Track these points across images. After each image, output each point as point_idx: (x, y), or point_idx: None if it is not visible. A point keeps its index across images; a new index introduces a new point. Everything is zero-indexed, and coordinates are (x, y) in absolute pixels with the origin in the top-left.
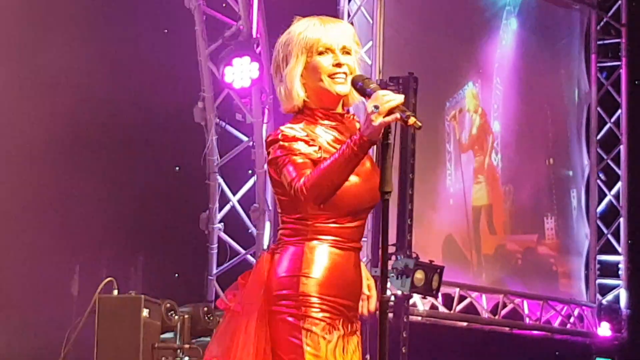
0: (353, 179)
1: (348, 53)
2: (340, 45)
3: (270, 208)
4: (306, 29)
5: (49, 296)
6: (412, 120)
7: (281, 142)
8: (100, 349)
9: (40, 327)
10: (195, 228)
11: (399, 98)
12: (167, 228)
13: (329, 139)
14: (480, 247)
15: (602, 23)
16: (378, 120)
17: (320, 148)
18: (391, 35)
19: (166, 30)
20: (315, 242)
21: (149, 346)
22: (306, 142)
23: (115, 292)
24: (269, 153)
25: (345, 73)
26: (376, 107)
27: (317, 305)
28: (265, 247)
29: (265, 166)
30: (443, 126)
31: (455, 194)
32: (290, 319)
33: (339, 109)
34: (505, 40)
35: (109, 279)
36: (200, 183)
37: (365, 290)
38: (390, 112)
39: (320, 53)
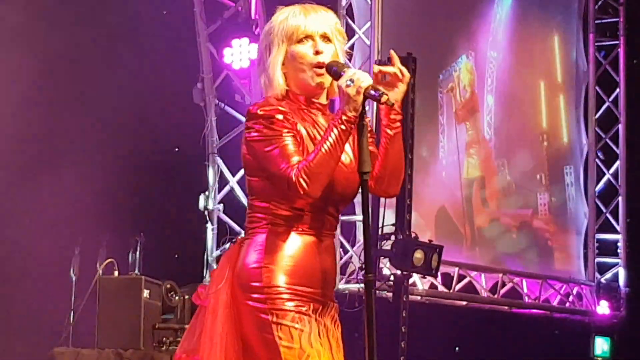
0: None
1: (329, 40)
2: (320, 32)
3: None
4: (287, 17)
5: (49, 278)
6: (384, 97)
7: (262, 120)
8: (101, 330)
9: (41, 308)
10: (195, 209)
11: (369, 78)
12: (166, 209)
13: (308, 124)
14: (473, 220)
15: (600, 2)
16: (354, 91)
17: (295, 127)
18: (388, 13)
19: (165, 12)
20: (277, 230)
21: (150, 327)
22: (285, 115)
23: (116, 273)
24: (248, 129)
25: (324, 62)
26: (351, 80)
27: (283, 296)
28: None
29: (242, 145)
30: (436, 98)
31: (448, 167)
32: (259, 313)
33: (323, 99)
34: (500, 15)
35: (109, 260)
36: (200, 164)
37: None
38: (364, 89)
39: (300, 41)
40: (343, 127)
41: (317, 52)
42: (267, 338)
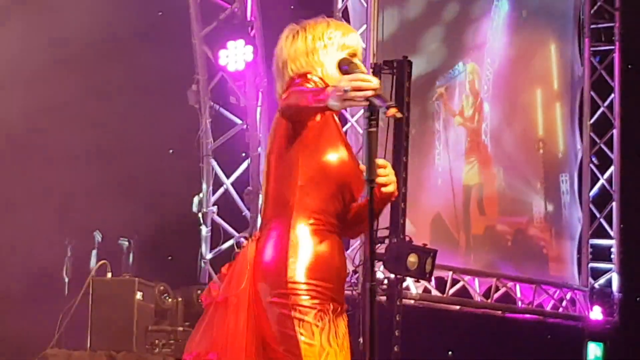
0: (340, 155)
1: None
2: (359, 53)
3: None
4: (344, 31)
5: (41, 279)
6: (391, 111)
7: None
8: (93, 332)
9: (33, 309)
10: (189, 211)
11: (375, 84)
12: (160, 211)
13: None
14: (469, 227)
15: (595, 7)
16: (344, 104)
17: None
18: (384, 18)
19: (160, 13)
20: (299, 225)
21: (143, 329)
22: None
23: (109, 274)
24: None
25: None
26: (346, 90)
27: (306, 292)
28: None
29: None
30: (433, 105)
31: (444, 173)
32: (281, 308)
33: None
34: (497, 22)
35: (102, 261)
36: (194, 166)
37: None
38: (366, 98)
39: (351, 56)
40: (320, 104)
41: (356, 64)
42: (287, 333)
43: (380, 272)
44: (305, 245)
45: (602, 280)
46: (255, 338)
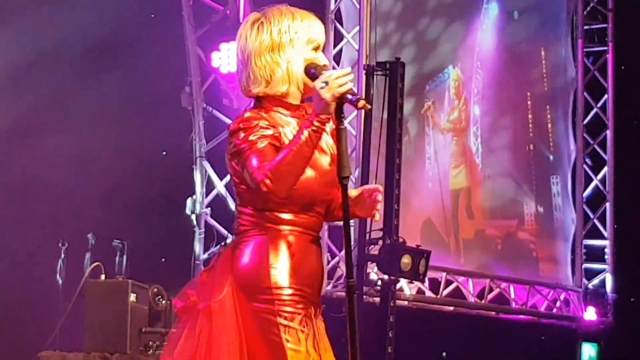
0: (309, 172)
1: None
2: (322, 44)
3: None
4: (310, 23)
5: (35, 281)
6: (361, 103)
7: (243, 132)
8: (87, 334)
9: (27, 312)
10: (182, 213)
11: (349, 78)
12: (154, 213)
13: (289, 126)
14: (458, 231)
15: (588, 8)
16: (328, 94)
17: (280, 134)
18: (376, 20)
19: (153, 15)
20: (276, 232)
21: (137, 330)
22: (267, 125)
23: (103, 276)
24: (230, 144)
25: None
26: (325, 82)
27: (290, 298)
28: None
29: (226, 158)
30: (422, 109)
31: (434, 178)
32: (266, 315)
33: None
34: (486, 25)
35: (96, 263)
36: (187, 168)
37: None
38: (340, 95)
39: (315, 49)
40: (314, 128)
41: (324, 65)
42: (273, 340)
43: (373, 274)
44: (285, 252)
45: (596, 281)
46: (241, 345)
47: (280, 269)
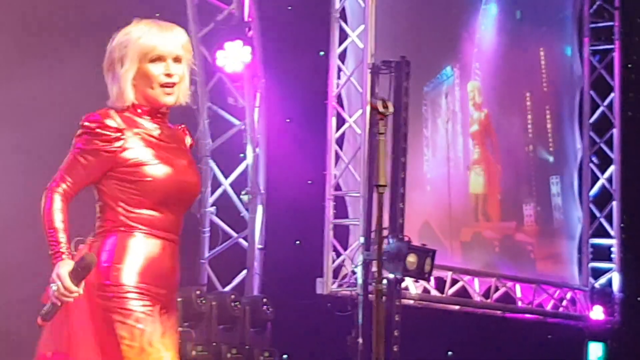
0: (166, 170)
1: (180, 61)
2: (173, 55)
3: (263, 191)
4: (144, 34)
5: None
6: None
7: (85, 134)
8: None
9: (28, 311)
10: (188, 211)
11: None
12: None
13: (151, 129)
14: (458, 234)
15: (595, 6)
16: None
17: (123, 143)
18: (381, 17)
19: (158, 14)
20: (129, 231)
21: None
22: (112, 138)
23: None
24: (78, 135)
25: (174, 83)
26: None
27: (129, 295)
28: (257, 230)
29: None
30: (420, 111)
31: (433, 180)
32: (105, 311)
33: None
34: (485, 25)
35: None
36: None
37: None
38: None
39: (153, 61)
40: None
41: (168, 75)
42: (110, 335)
43: None
44: (134, 251)
45: (602, 280)
46: (95, 340)
47: (123, 268)
